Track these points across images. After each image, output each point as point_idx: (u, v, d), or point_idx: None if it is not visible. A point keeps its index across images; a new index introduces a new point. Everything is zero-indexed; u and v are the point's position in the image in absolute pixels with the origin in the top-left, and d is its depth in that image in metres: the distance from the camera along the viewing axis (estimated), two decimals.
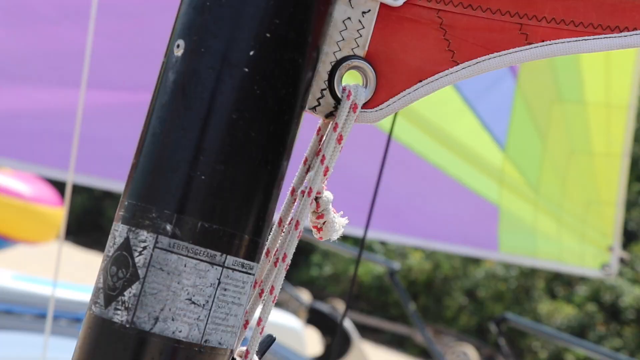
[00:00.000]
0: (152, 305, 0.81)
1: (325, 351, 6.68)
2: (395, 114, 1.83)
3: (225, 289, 0.83)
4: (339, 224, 0.93)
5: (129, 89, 3.12)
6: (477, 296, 16.93)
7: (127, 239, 0.83)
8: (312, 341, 7.25)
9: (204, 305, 0.82)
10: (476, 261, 17.15)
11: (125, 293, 0.81)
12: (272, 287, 0.89)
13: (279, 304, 7.19)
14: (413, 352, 16.23)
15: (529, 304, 15.70)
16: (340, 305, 11.00)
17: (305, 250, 18.38)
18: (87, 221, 18.83)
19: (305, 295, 7.44)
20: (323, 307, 6.82)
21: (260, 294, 0.90)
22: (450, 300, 17.09)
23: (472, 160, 3.55)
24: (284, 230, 0.91)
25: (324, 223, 0.92)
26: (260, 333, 0.88)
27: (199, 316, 0.82)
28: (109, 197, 19.62)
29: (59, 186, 9.46)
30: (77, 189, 18.20)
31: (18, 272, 5.66)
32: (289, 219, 0.91)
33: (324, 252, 18.27)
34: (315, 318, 6.67)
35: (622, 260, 3.74)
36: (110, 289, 0.82)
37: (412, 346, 16.35)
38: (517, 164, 3.58)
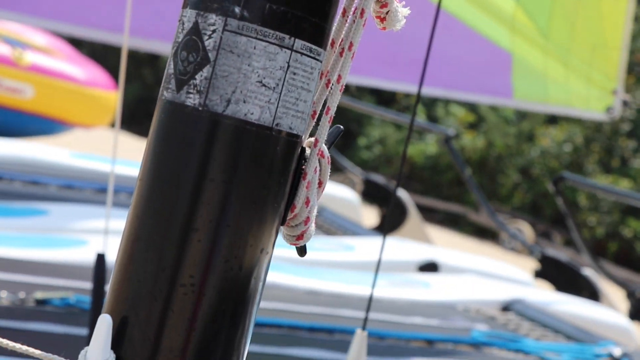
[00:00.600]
0: (224, 87, 0.81)
1: (381, 222, 6.74)
2: None
3: (294, 73, 0.84)
4: (402, 13, 0.92)
5: None
6: (531, 174, 16.87)
7: (196, 23, 0.83)
8: (368, 213, 7.31)
9: (274, 88, 0.82)
10: (530, 139, 17.04)
11: (196, 77, 0.82)
12: (339, 76, 0.89)
13: (334, 180, 7.22)
14: (467, 231, 16.29)
15: (581, 185, 15.59)
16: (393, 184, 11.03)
17: (352, 134, 18.36)
18: (139, 110, 18.94)
19: (356, 178, 7.47)
20: (378, 178, 6.86)
21: (327, 85, 0.90)
22: (504, 179, 17.06)
23: (486, 8, 3.60)
24: (347, 20, 0.90)
25: (387, 12, 0.91)
26: (329, 122, 0.89)
27: (270, 99, 0.82)
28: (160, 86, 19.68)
29: (113, 72, 9.50)
30: (129, 78, 18.24)
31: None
32: (353, 8, 0.90)
33: (371, 136, 18.23)
34: (370, 190, 6.71)
35: (625, 103, 3.80)
36: (182, 74, 0.83)
37: (466, 225, 16.40)
38: (527, 10, 3.61)
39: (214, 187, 0.81)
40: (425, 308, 3.73)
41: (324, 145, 0.89)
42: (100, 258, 2.24)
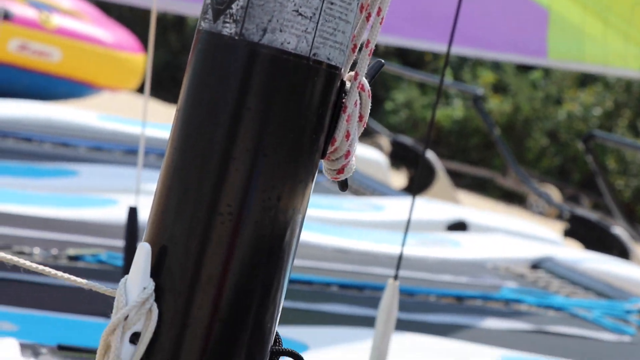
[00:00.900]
0: (260, 16, 0.81)
1: (409, 182, 6.73)
2: None
3: (331, 3, 0.83)
4: None
5: None
6: (559, 137, 16.76)
7: None
8: (397, 176, 7.30)
9: (311, 17, 0.82)
10: (558, 102, 16.92)
11: (233, 6, 0.81)
12: (379, 9, 0.89)
13: (362, 143, 7.21)
14: (495, 195, 16.22)
15: (612, 143, 15.48)
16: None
17: (379, 98, 18.30)
18: (166, 77, 18.93)
19: (384, 141, 7.44)
20: (406, 140, 6.84)
21: (367, 18, 0.89)
22: (531, 143, 16.96)
23: None
24: None
25: None
26: (369, 56, 0.88)
27: (307, 28, 0.82)
28: (187, 52, 19.68)
29: (140, 38, 9.51)
30: (155, 43, 18.23)
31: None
32: None
33: (398, 100, 18.16)
34: (398, 151, 6.70)
35: None
36: (218, 3, 0.82)
37: (494, 189, 16.33)
38: None
39: (251, 116, 0.81)
40: (455, 266, 3.73)
41: (364, 78, 0.88)
42: (133, 211, 2.25)
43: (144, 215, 1.23)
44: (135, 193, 2.33)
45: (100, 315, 2.39)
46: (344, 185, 0.91)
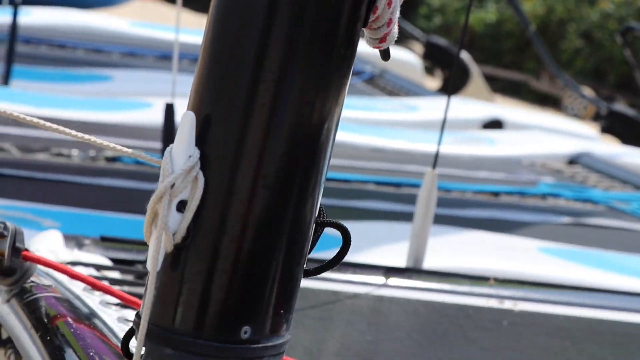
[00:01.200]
0: None
1: (444, 83, 6.68)
2: None
3: None
4: None
5: None
6: (593, 38, 16.54)
7: None
8: (430, 81, 7.24)
9: None
10: (592, 1, 16.66)
11: None
12: None
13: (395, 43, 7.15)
14: (528, 99, 16.10)
15: None
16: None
17: (412, 2, 18.08)
18: None
19: (417, 46, 7.35)
20: (439, 40, 6.77)
21: None
22: (565, 44, 16.76)
23: None
24: None
25: None
26: None
27: None
28: None
29: None
30: None
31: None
32: None
33: (432, 5, 17.97)
34: (432, 52, 6.62)
35: None
36: None
37: (528, 92, 16.22)
38: None
39: None
40: (491, 163, 3.72)
41: None
42: (169, 108, 2.25)
43: (179, 118, 1.22)
44: (172, 93, 2.32)
45: (139, 213, 2.42)
46: (386, 55, 0.90)
